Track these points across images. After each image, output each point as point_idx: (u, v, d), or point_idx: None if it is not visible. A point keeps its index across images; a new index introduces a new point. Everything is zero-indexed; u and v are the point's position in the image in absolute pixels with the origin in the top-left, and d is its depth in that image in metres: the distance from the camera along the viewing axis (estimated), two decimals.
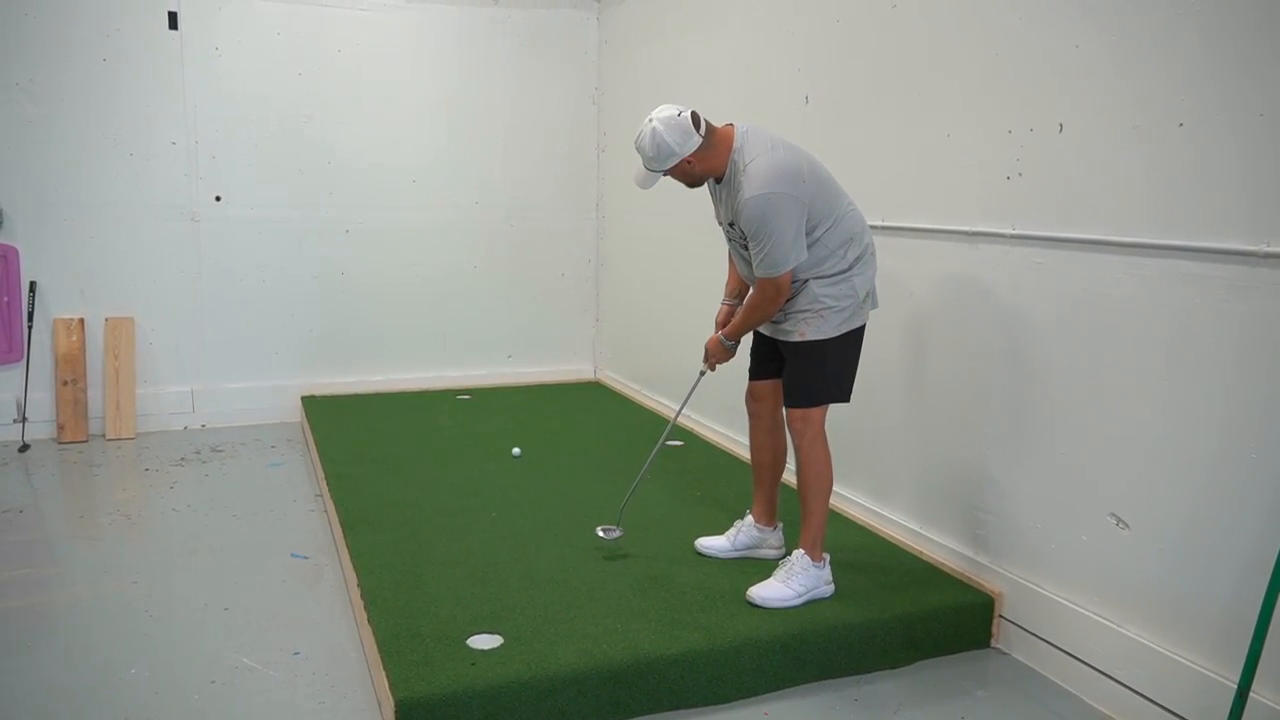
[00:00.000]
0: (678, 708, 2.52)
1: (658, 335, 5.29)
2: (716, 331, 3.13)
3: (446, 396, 5.45)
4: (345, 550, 3.23)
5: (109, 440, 4.94)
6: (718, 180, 2.86)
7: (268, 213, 5.21)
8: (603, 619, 2.67)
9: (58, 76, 4.74)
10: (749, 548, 3.16)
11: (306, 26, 5.16)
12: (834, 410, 2.95)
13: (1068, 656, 2.65)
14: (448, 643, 2.52)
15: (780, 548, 3.16)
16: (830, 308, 2.78)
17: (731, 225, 2.85)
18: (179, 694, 2.54)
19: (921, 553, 3.18)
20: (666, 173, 2.81)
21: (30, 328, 4.82)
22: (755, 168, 2.71)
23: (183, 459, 4.64)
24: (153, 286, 5.05)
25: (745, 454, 4.28)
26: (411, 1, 5.36)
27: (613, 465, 4.13)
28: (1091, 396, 2.56)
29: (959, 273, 3.01)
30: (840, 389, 2.90)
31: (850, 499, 3.57)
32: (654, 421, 4.96)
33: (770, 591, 2.80)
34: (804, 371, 2.86)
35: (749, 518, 3.20)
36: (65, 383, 4.87)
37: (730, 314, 3.10)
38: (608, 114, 5.78)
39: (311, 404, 5.16)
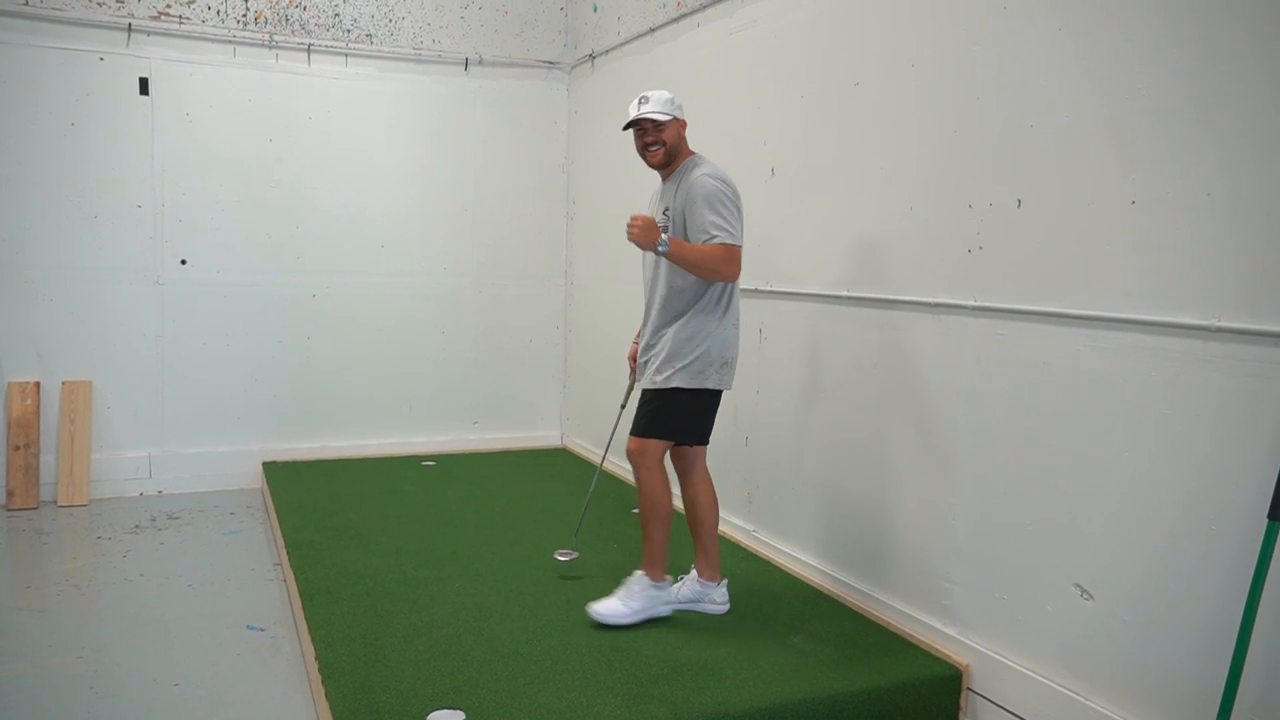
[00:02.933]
0: None
1: (619, 400, 5.28)
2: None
3: (411, 463, 5.38)
4: (303, 622, 3.15)
5: (61, 507, 4.81)
6: (665, 177, 3.22)
7: (234, 276, 5.19)
8: (567, 693, 2.61)
9: (22, 138, 4.73)
10: (692, 601, 3.23)
11: (277, 93, 5.20)
12: (803, 479, 2.96)
13: None
14: (407, 719, 2.45)
15: (725, 603, 3.25)
16: (686, 358, 3.07)
17: (665, 212, 3.14)
18: None
19: (889, 622, 3.16)
20: (658, 126, 3.11)
21: None
22: (709, 168, 3.11)
23: (137, 526, 4.52)
24: (113, 350, 4.98)
25: None
26: (383, 70, 5.44)
27: (582, 533, 4.08)
28: (1054, 467, 2.59)
29: (922, 343, 3.05)
30: (686, 435, 3.20)
31: (814, 566, 3.56)
32: (621, 489, 4.93)
33: (608, 608, 3.07)
34: (655, 410, 3.13)
35: (692, 572, 3.29)
36: (17, 448, 4.75)
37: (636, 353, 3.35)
38: (577, 182, 5.86)
39: (273, 470, 5.07)
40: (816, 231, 3.58)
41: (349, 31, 5.35)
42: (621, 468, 5.22)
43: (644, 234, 3.00)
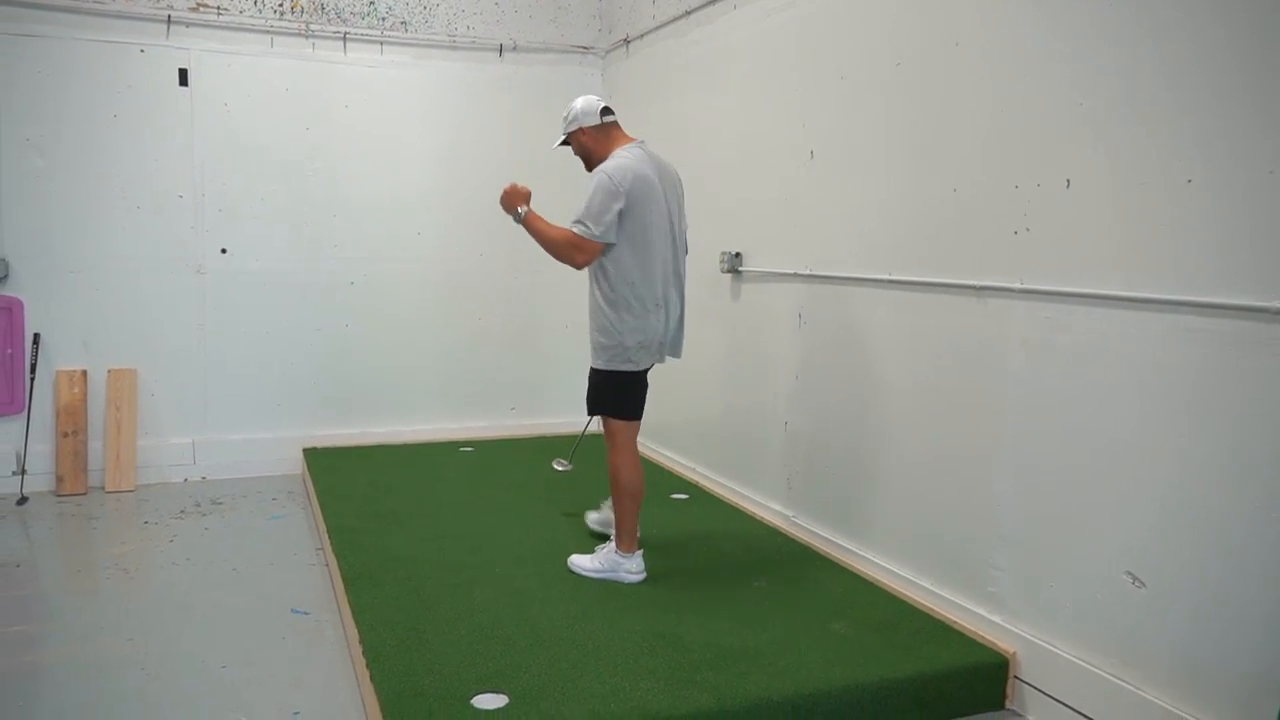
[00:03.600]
0: None
1: (657, 386, 5.27)
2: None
3: (449, 449, 5.41)
4: (347, 606, 3.18)
5: (108, 492, 4.90)
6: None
7: (273, 265, 5.23)
8: (610, 678, 2.62)
9: (68, 132, 4.79)
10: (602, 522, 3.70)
11: (314, 82, 5.23)
12: (844, 465, 2.93)
13: None
14: (452, 702, 2.46)
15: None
16: (600, 344, 3.37)
17: None
18: None
19: (932, 609, 3.12)
20: (568, 140, 3.49)
21: (32, 379, 4.81)
22: (615, 161, 3.30)
23: (182, 511, 4.60)
24: (156, 338, 5.05)
25: (752, 507, 4.26)
26: (418, 58, 5.44)
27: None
28: (1105, 453, 2.54)
29: (966, 327, 3.00)
30: (619, 411, 3.45)
31: (855, 552, 3.53)
32: (660, 474, 4.92)
33: (580, 560, 3.47)
34: (591, 388, 3.50)
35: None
36: (66, 434, 4.84)
37: None
38: None
39: (313, 456, 5.13)
40: (857, 214, 3.54)
41: (384, 19, 5.36)
42: (659, 452, 5.21)
43: (505, 199, 3.43)
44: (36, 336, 4.81)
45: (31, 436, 4.83)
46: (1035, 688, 2.75)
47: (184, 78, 4.96)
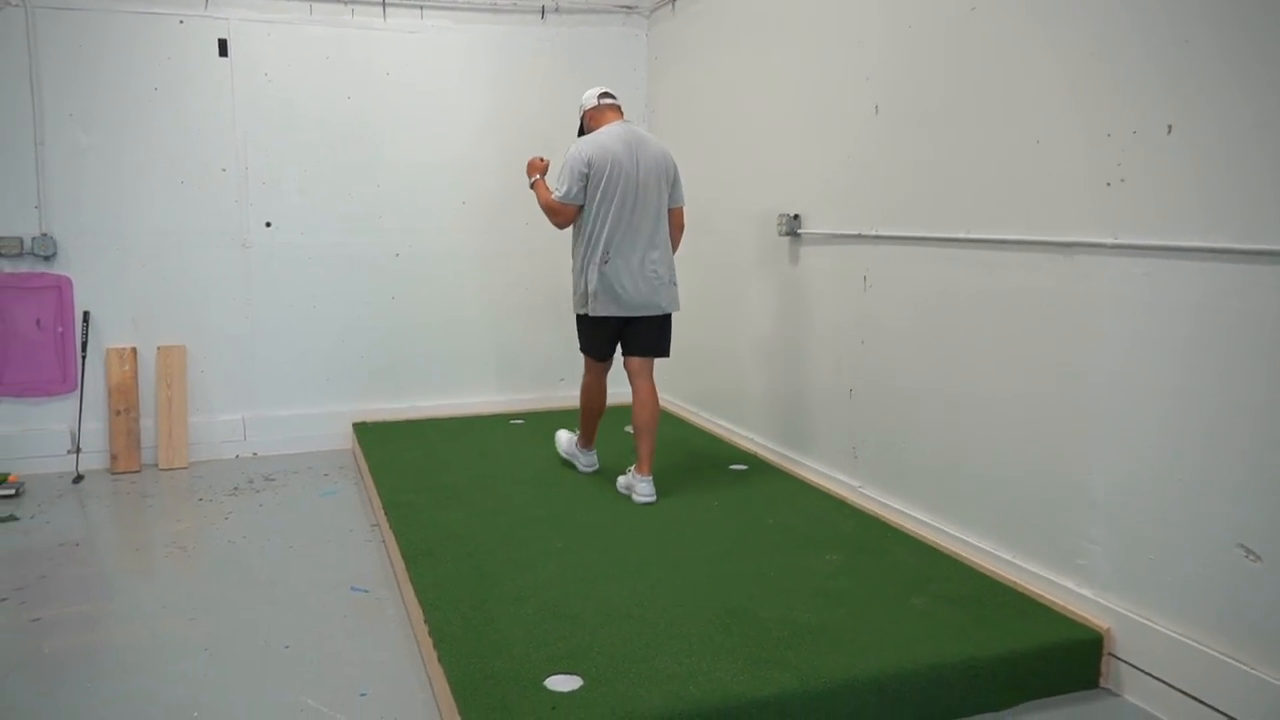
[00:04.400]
0: None
1: (712, 355, 5.15)
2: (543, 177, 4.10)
3: (499, 422, 5.34)
4: (408, 584, 3.11)
5: (162, 470, 4.88)
6: None
7: (318, 238, 5.16)
8: (685, 658, 2.52)
9: (109, 106, 4.73)
10: (626, 487, 3.99)
11: (354, 50, 5.12)
12: (917, 433, 2.79)
13: (1191, 700, 2.45)
14: (525, 685, 2.38)
15: (650, 495, 3.86)
16: (576, 294, 4.00)
17: None
18: None
19: (1015, 583, 2.99)
20: (582, 124, 4.03)
21: (84, 358, 4.79)
22: (581, 140, 3.91)
23: (236, 488, 4.56)
24: (204, 314, 5.01)
25: (813, 477, 4.14)
26: (459, 22, 5.31)
27: (679, 491, 3.99)
28: (1215, 418, 2.38)
29: (1053, 287, 2.83)
30: (583, 348, 4.17)
31: (929, 524, 3.40)
32: (714, 443, 4.81)
33: (561, 435, 4.49)
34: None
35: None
36: (118, 412, 4.82)
37: None
38: (658, 130, 5.67)
39: (363, 431, 5.07)
40: (928, 171, 3.36)
41: None
42: (713, 422, 5.10)
43: (528, 168, 4.13)
44: (86, 314, 4.79)
45: (84, 415, 4.82)
46: (1132, 665, 2.62)
47: (223, 48, 4.87)
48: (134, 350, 4.88)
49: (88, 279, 4.79)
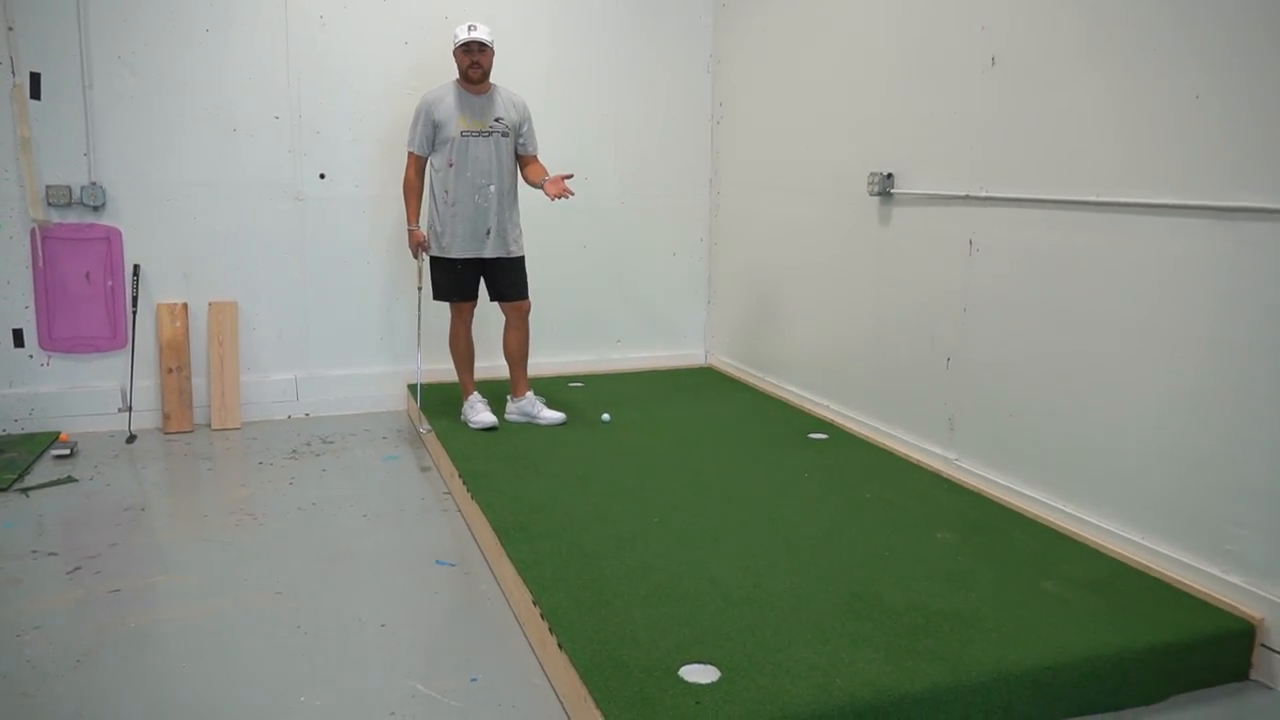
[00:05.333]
0: None
1: (774, 318, 4.97)
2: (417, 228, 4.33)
3: (558, 384, 5.17)
4: (504, 560, 2.96)
5: (215, 430, 4.73)
6: (478, 92, 4.21)
7: (373, 190, 4.95)
8: (822, 646, 2.37)
9: (159, 47, 4.50)
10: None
11: None
12: (1026, 406, 2.63)
13: None
14: (659, 675, 2.24)
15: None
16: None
17: (497, 120, 4.21)
18: None
19: (1148, 566, 2.83)
20: (483, 49, 4.15)
21: (134, 313, 4.61)
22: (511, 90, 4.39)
23: (294, 451, 4.41)
24: (256, 269, 4.82)
25: (900, 448, 3.99)
26: None
27: (763, 460, 3.83)
28: None
29: (1205, 254, 2.64)
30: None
31: (1042, 501, 3.24)
32: (786, 410, 4.65)
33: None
34: None
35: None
36: (170, 370, 4.66)
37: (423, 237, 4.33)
38: (723, 82, 5.44)
39: (419, 393, 4.90)
40: (1051, 128, 3.15)
41: None
42: (783, 388, 4.93)
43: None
44: (136, 268, 4.60)
45: (136, 372, 4.65)
46: None
47: None
48: (185, 306, 4.70)
49: (137, 231, 4.59)
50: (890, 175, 3.97)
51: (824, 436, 4.22)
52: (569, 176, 4.16)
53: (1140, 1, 2.81)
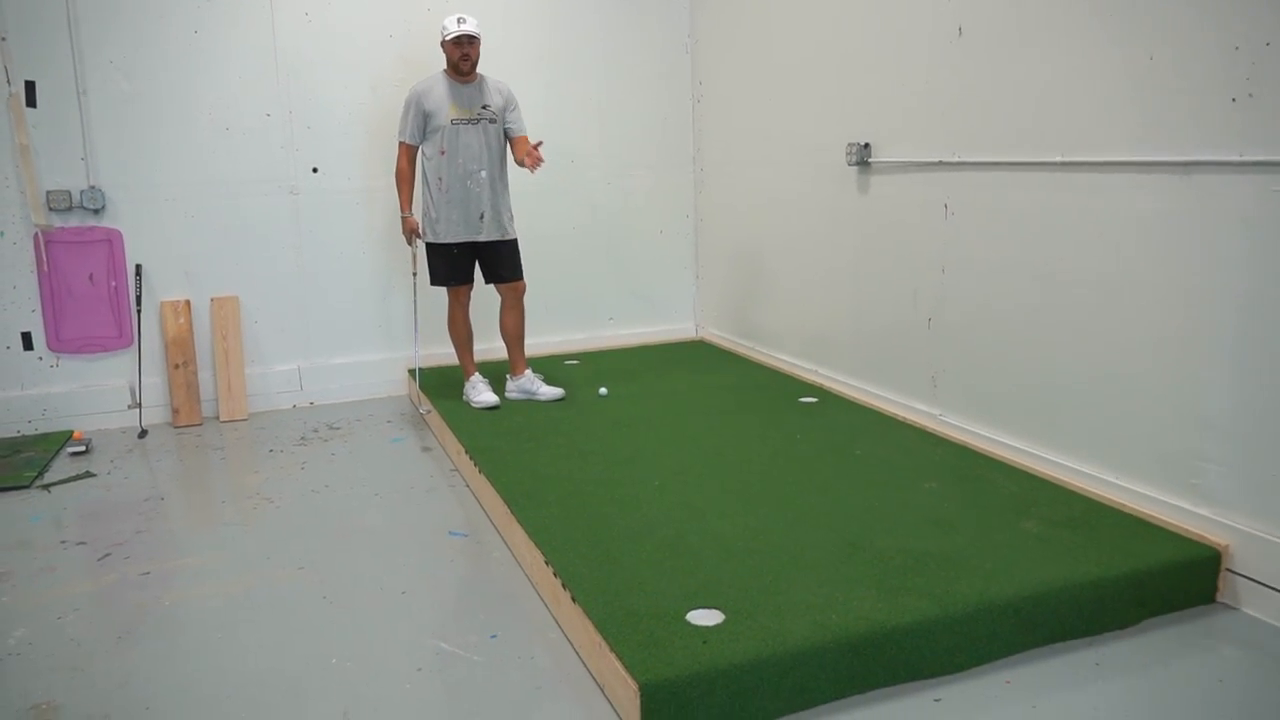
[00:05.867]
0: (915, 678, 2.39)
1: (761, 289, 5.13)
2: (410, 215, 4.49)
3: (554, 362, 5.32)
4: (515, 527, 3.12)
5: (223, 422, 4.87)
6: (465, 82, 4.34)
7: (364, 183, 5.07)
8: (819, 588, 2.54)
9: (150, 51, 4.60)
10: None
11: None
12: (1006, 360, 2.79)
13: None
14: (668, 620, 2.40)
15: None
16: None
17: (484, 108, 4.35)
18: (390, 683, 2.44)
19: (1122, 504, 3.01)
20: (473, 41, 4.27)
21: (139, 312, 4.73)
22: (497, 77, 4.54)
23: (303, 438, 4.56)
24: (255, 263, 4.94)
25: (888, 407, 4.15)
26: None
27: (757, 425, 4.00)
28: None
29: (1167, 208, 2.80)
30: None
31: (1021, 449, 3.41)
32: (777, 378, 4.81)
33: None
34: None
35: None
36: (176, 366, 4.79)
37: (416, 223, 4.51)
38: (702, 62, 5.56)
39: (421, 376, 5.05)
40: (1018, 93, 3.30)
41: None
42: (772, 356, 5.09)
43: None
44: (139, 268, 4.72)
45: (143, 369, 4.78)
46: (1251, 579, 2.66)
47: None
48: (188, 303, 4.83)
49: (137, 232, 4.71)
50: (867, 145, 4.12)
51: (814, 400, 4.39)
52: (538, 145, 4.26)
53: None
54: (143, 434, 4.65)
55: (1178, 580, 2.68)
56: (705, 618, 2.42)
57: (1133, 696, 2.30)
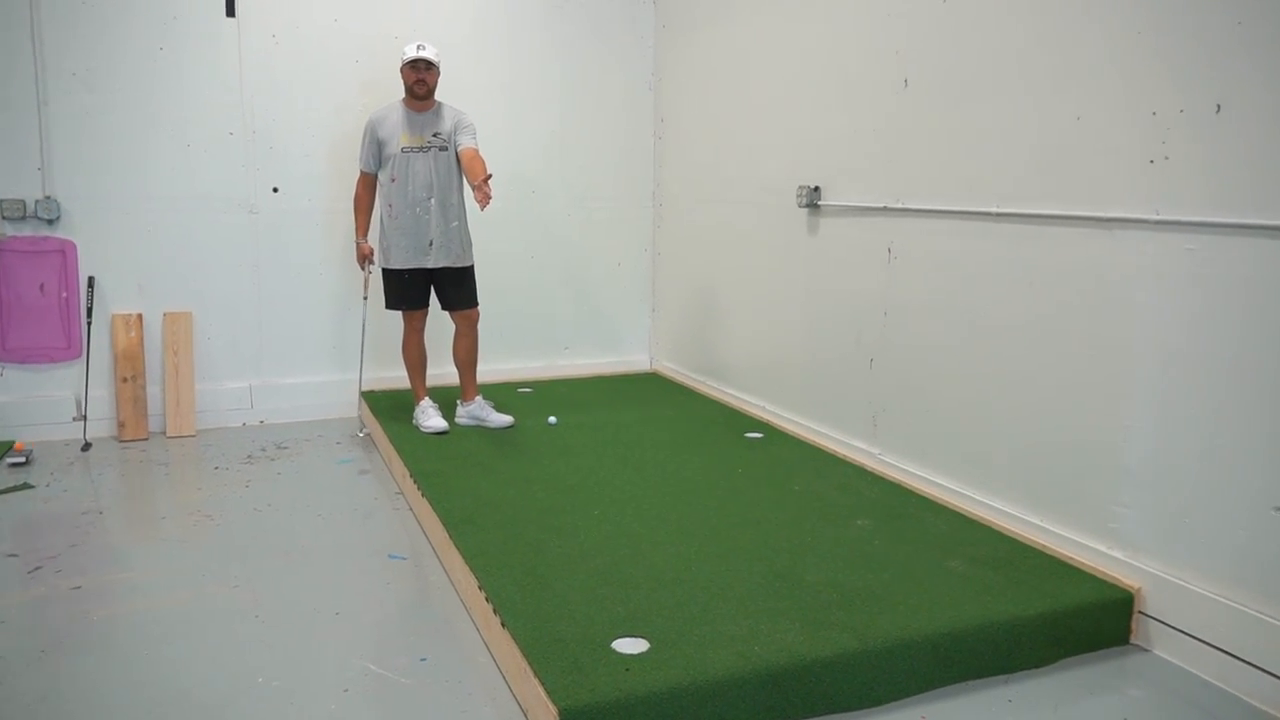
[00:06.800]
0: (832, 711, 2.44)
1: (714, 324, 5.21)
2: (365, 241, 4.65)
3: (507, 390, 5.35)
4: (454, 551, 3.14)
5: (170, 438, 4.84)
6: (421, 110, 4.39)
7: (326, 204, 5.11)
8: (744, 620, 2.59)
9: (114, 65, 4.62)
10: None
11: (362, 13, 5.05)
12: (942, 403, 2.88)
13: (1220, 653, 2.58)
14: (593, 647, 2.44)
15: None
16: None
17: (436, 135, 4.36)
18: (315, 703, 2.45)
19: (1045, 546, 3.10)
20: (431, 68, 4.34)
21: (89, 324, 4.71)
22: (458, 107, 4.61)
23: (250, 456, 4.55)
24: (210, 280, 4.95)
25: (830, 445, 4.23)
26: None
27: (701, 458, 4.06)
28: (1258, 389, 2.48)
29: (1092, 261, 2.92)
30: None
31: (955, 490, 3.50)
32: (726, 412, 4.88)
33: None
34: None
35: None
36: (125, 379, 4.76)
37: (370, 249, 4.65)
38: (665, 100, 5.68)
39: (373, 399, 5.06)
40: (959, 145, 3.43)
41: None
42: (724, 391, 5.16)
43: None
44: (91, 279, 4.71)
45: (90, 382, 4.75)
46: (1162, 622, 2.75)
47: (231, 7, 4.77)
48: (140, 316, 4.81)
49: (92, 244, 4.70)
50: (818, 188, 4.23)
51: (759, 435, 4.46)
52: (488, 178, 4.01)
53: (1029, 33, 3.09)
54: (86, 447, 4.61)
55: (1092, 621, 2.76)
56: (630, 646, 2.46)
57: None
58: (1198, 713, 2.48)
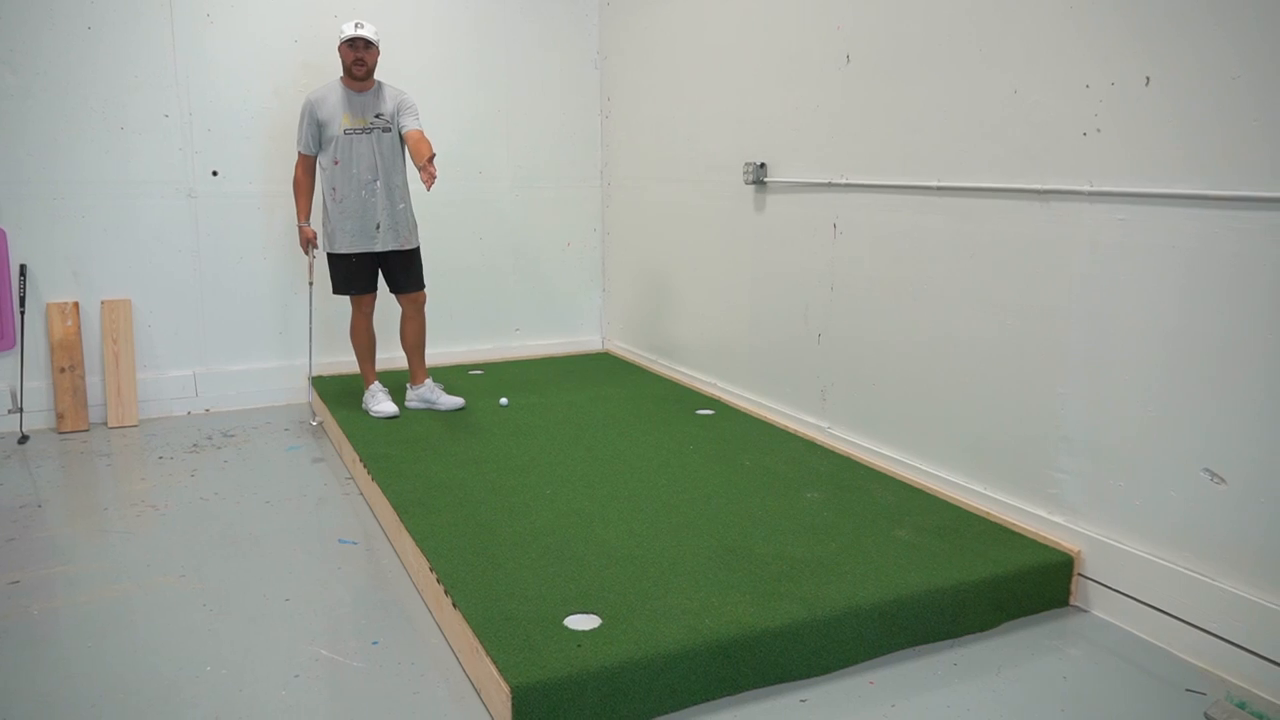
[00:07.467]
0: (783, 680, 2.48)
1: (664, 303, 5.22)
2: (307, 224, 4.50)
3: (459, 372, 5.32)
4: (403, 535, 3.13)
5: (111, 428, 4.74)
6: (361, 90, 4.30)
7: (266, 187, 5.01)
8: (695, 593, 2.62)
9: (39, 45, 4.48)
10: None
11: None
12: (888, 375, 2.93)
13: (1156, 611, 2.67)
14: (545, 625, 2.45)
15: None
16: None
17: (378, 116, 4.28)
18: (264, 690, 2.43)
19: (988, 513, 3.17)
20: (369, 47, 4.24)
21: (22, 313, 4.58)
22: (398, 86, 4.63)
23: (195, 445, 4.47)
24: (150, 267, 4.83)
25: (780, 420, 4.27)
26: None
27: (653, 436, 4.07)
28: (1186, 353, 2.56)
29: (1028, 232, 2.98)
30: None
31: (901, 460, 3.56)
32: (677, 390, 4.90)
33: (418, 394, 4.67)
34: None
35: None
36: (62, 370, 4.65)
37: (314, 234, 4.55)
38: (611, 78, 5.65)
39: (322, 384, 5.00)
40: (900, 120, 3.46)
41: None
42: (675, 369, 5.18)
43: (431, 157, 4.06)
44: (23, 268, 4.57)
45: (26, 373, 4.62)
46: (1100, 583, 2.83)
47: None
48: (76, 305, 4.69)
49: (23, 231, 4.56)
50: (764, 165, 4.25)
51: (711, 412, 4.49)
52: (431, 158, 3.95)
53: (967, 8, 3.13)
54: (23, 439, 4.50)
55: (1034, 584, 2.83)
56: (582, 622, 2.47)
57: (986, 695, 2.43)
58: (1134, 669, 2.56)
